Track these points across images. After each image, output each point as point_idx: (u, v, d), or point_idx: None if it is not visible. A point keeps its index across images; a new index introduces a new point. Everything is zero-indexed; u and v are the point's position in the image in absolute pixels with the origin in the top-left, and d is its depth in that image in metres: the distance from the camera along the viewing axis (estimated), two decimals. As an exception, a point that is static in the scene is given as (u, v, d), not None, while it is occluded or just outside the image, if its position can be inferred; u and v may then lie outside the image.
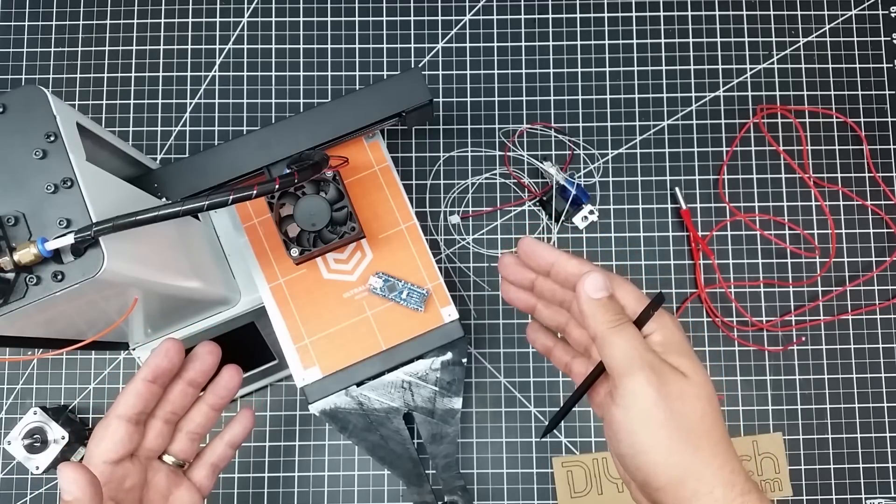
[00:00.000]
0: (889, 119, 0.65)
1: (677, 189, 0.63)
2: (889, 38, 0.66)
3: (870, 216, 0.64)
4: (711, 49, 0.66)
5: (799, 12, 0.66)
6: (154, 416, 0.42)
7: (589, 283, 0.35)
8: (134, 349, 0.57)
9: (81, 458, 0.59)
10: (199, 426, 0.44)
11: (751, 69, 0.65)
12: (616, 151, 0.64)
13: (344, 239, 0.53)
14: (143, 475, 0.41)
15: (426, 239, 0.57)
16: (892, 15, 0.66)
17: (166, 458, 0.43)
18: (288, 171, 0.51)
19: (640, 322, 0.35)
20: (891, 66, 0.65)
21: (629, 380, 0.33)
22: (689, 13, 0.66)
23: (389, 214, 0.57)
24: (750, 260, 0.63)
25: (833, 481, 0.61)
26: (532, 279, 0.39)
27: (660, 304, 0.35)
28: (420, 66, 0.65)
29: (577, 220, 0.63)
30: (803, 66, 0.65)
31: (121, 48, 0.65)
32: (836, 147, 0.64)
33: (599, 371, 0.37)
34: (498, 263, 0.40)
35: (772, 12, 0.66)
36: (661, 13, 0.66)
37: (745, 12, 0.66)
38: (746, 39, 0.66)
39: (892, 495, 0.61)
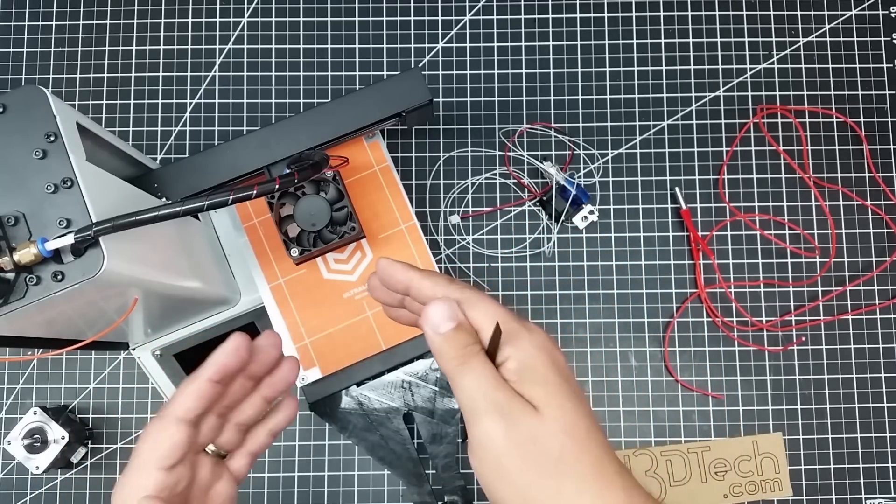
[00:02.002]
0: (889, 119, 0.65)
1: (677, 189, 0.63)
2: (889, 38, 0.66)
3: (870, 216, 0.64)
4: (711, 49, 0.66)
5: (799, 12, 0.66)
6: (210, 412, 0.39)
7: (433, 314, 0.30)
8: (134, 349, 0.57)
9: (83, 457, 0.59)
10: (250, 418, 0.41)
11: (751, 69, 0.65)
12: (616, 151, 0.64)
13: (344, 239, 0.53)
14: (191, 473, 0.38)
15: (426, 239, 0.57)
16: (892, 15, 0.66)
17: (209, 448, 0.40)
18: (288, 171, 0.51)
19: (492, 349, 0.30)
20: (891, 66, 0.65)
21: (475, 427, 0.29)
22: (689, 13, 0.66)
23: (389, 214, 0.57)
24: (750, 260, 0.63)
25: (833, 481, 0.61)
26: (400, 299, 0.36)
27: (499, 336, 0.30)
28: (420, 66, 0.65)
29: (577, 220, 0.63)
30: (803, 66, 0.65)
31: (121, 48, 0.65)
32: (836, 147, 0.64)
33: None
34: (367, 286, 0.37)
35: (772, 12, 0.66)
36: (661, 13, 0.66)
37: (745, 12, 0.66)
38: (746, 39, 0.66)
39: (892, 495, 0.60)
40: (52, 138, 0.37)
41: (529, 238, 0.63)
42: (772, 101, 0.65)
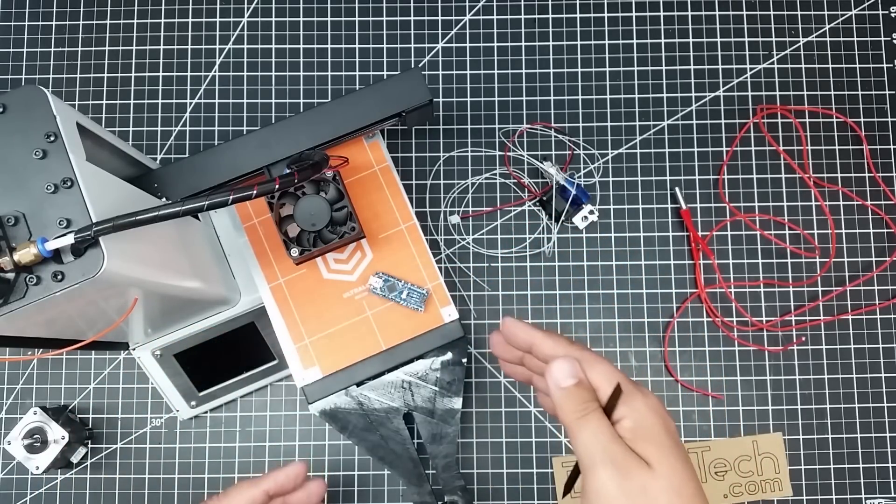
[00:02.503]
0: (889, 119, 0.65)
1: (677, 189, 0.63)
2: (889, 38, 0.66)
3: (870, 216, 0.64)
4: (711, 49, 0.66)
5: (799, 12, 0.66)
6: None
7: (556, 370, 0.34)
8: (134, 349, 0.57)
9: (83, 457, 0.59)
10: None
11: (751, 69, 0.65)
12: (616, 151, 0.64)
13: (344, 239, 0.53)
14: None
15: (426, 239, 0.57)
16: (892, 15, 0.66)
17: None
18: (288, 171, 0.51)
19: (609, 407, 0.34)
20: (891, 66, 0.65)
21: (592, 476, 0.32)
22: (689, 13, 0.66)
23: (389, 214, 0.57)
24: (750, 260, 0.63)
25: (833, 481, 0.61)
26: (520, 356, 0.40)
27: (618, 396, 0.34)
28: (420, 66, 0.65)
29: (577, 220, 0.63)
30: (803, 66, 0.65)
31: (121, 48, 0.65)
32: (836, 147, 0.64)
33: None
34: (489, 342, 0.41)
35: (772, 12, 0.66)
36: (661, 13, 0.66)
37: (745, 12, 0.66)
38: (746, 39, 0.66)
39: (892, 495, 0.61)
40: (52, 138, 0.37)
41: (529, 238, 0.63)
42: (772, 101, 0.65)
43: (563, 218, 0.62)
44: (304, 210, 0.52)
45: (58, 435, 0.56)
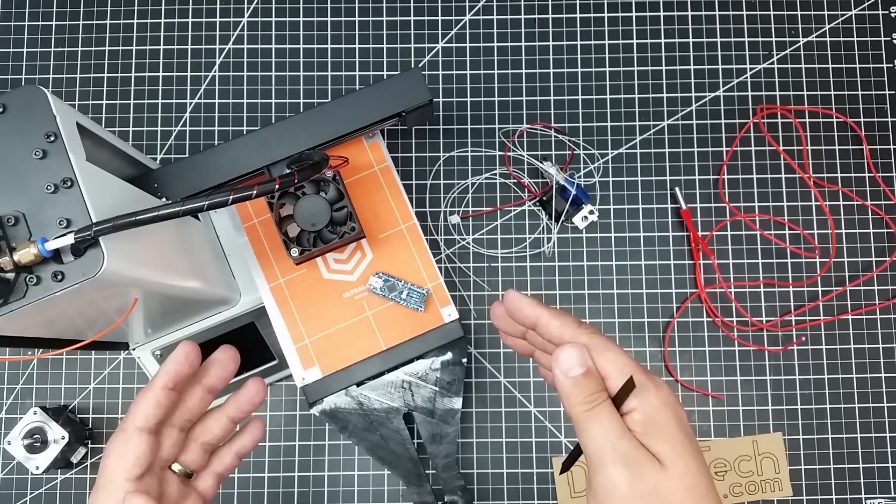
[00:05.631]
0: (889, 119, 0.65)
1: (677, 189, 0.63)
2: (889, 38, 0.66)
3: (870, 216, 0.64)
4: (711, 49, 0.66)
5: (799, 12, 0.66)
6: (170, 424, 0.40)
7: (564, 358, 0.32)
8: (134, 349, 0.57)
9: (83, 457, 0.59)
10: (216, 438, 0.42)
11: (751, 69, 0.65)
12: (616, 151, 0.64)
13: (344, 239, 0.53)
14: (159, 488, 0.39)
15: (426, 239, 0.57)
16: (892, 15, 0.66)
17: (175, 467, 0.41)
18: (288, 171, 0.51)
19: (619, 398, 0.32)
20: (891, 66, 0.65)
21: (600, 474, 0.31)
22: (689, 13, 0.66)
23: (389, 214, 0.57)
24: (750, 260, 0.63)
25: (833, 481, 0.61)
26: (523, 330, 0.38)
27: (630, 390, 0.32)
28: (420, 66, 0.65)
29: (577, 220, 0.62)
30: (803, 66, 0.65)
31: (121, 48, 0.65)
32: (836, 147, 0.64)
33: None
34: (490, 312, 0.38)
35: (772, 12, 0.66)
36: (661, 13, 0.66)
37: (745, 12, 0.66)
38: (746, 39, 0.66)
39: (892, 495, 0.60)
40: (52, 138, 0.37)
41: (529, 238, 0.63)
42: (772, 101, 0.65)
43: (563, 218, 0.62)
44: (304, 210, 0.52)
45: (58, 435, 0.56)
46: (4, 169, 0.37)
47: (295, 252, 0.52)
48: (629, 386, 0.31)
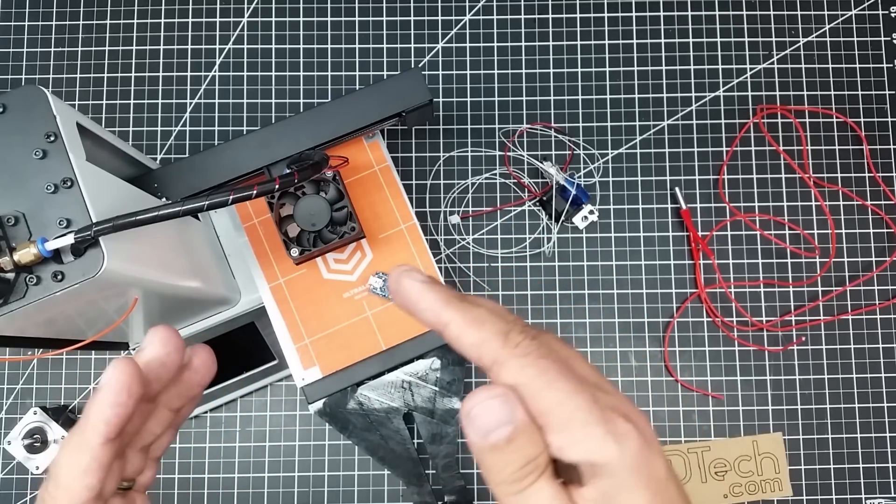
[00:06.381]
0: (889, 119, 0.65)
1: (677, 189, 0.63)
2: (889, 38, 0.66)
3: (870, 216, 0.64)
4: (711, 49, 0.66)
5: (799, 12, 0.66)
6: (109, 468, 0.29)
7: (479, 417, 0.21)
8: (134, 349, 0.57)
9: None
10: (156, 437, 0.32)
11: (751, 69, 0.65)
12: (616, 151, 0.64)
13: (344, 239, 0.53)
14: None
15: (426, 239, 0.57)
16: (892, 15, 0.66)
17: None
18: (288, 171, 0.51)
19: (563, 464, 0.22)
20: (891, 66, 0.65)
21: None
22: (689, 13, 0.66)
23: (389, 214, 0.57)
24: (750, 260, 0.63)
25: (833, 481, 0.61)
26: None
27: (571, 477, 0.22)
28: (420, 66, 0.65)
29: (577, 220, 0.62)
30: (803, 66, 0.65)
31: (121, 48, 0.65)
32: (836, 147, 0.64)
33: None
34: (388, 285, 0.27)
35: (772, 12, 0.66)
36: (661, 13, 0.66)
37: (745, 12, 0.66)
38: (746, 39, 0.66)
39: (892, 495, 0.60)
40: (52, 138, 0.37)
41: (529, 238, 0.63)
42: (772, 101, 0.65)
43: (563, 218, 0.62)
44: (304, 210, 0.52)
45: (58, 435, 0.56)
46: (4, 169, 0.37)
47: (295, 252, 0.52)
48: (575, 475, 0.22)
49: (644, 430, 0.22)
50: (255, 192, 0.41)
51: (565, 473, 0.22)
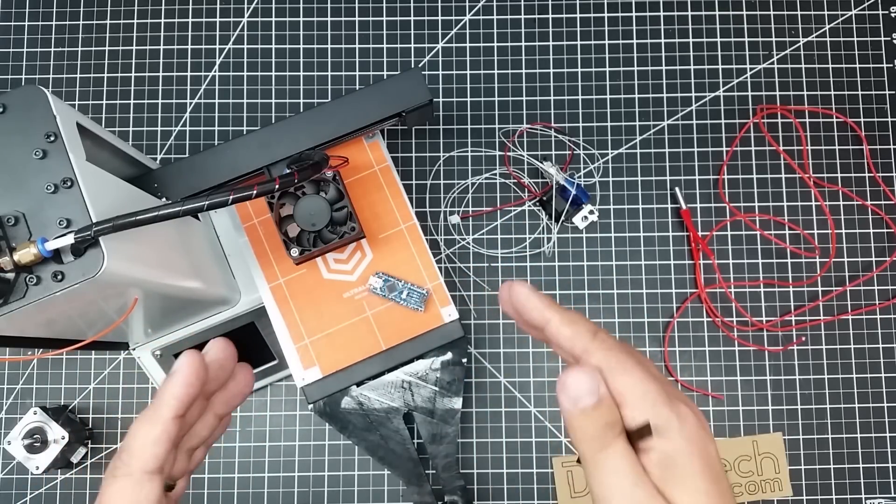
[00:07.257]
0: (889, 119, 0.65)
1: (677, 189, 0.63)
2: (889, 38, 0.66)
3: (870, 216, 0.64)
4: (711, 49, 0.66)
5: (799, 12, 0.66)
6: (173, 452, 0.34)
7: (572, 386, 0.27)
8: (134, 349, 0.57)
9: (83, 457, 0.59)
10: (202, 440, 0.36)
11: (751, 69, 0.65)
12: (616, 151, 0.64)
13: (344, 239, 0.53)
14: None
15: (426, 239, 0.57)
16: (892, 15, 0.66)
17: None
18: (288, 171, 0.51)
19: (635, 435, 0.27)
20: (891, 66, 0.65)
21: None
22: (689, 13, 0.66)
23: (389, 214, 0.57)
24: (750, 260, 0.63)
25: (833, 481, 0.61)
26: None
27: (648, 432, 0.27)
28: (420, 66, 0.65)
29: (577, 220, 0.62)
30: (803, 66, 0.65)
31: (121, 48, 0.65)
32: (836, 147, 0.64)
33: None
34: (499, 296, 0.33)
35: (772, 12, 0.66)
36: (661, 13, 0.66)
37: (745, 12, 0.66)
38: (746, 39, 0.66)
39: (892, 495, 0.60)
40: (52, 138, 0.37)
41: (529, 238, 0.63)
42: (772, 101, 0.65)
43: (563, 218, 0.62)
44: (304, 210, 0.52)
45: (58, 435, 0.56)
46: (4, 169, 0.37)
47: (295, 252, 0.52)
48: (646, 429, 0.27)
49: (700, 418, 0.27)
50: (255, 192, 0.41)
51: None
